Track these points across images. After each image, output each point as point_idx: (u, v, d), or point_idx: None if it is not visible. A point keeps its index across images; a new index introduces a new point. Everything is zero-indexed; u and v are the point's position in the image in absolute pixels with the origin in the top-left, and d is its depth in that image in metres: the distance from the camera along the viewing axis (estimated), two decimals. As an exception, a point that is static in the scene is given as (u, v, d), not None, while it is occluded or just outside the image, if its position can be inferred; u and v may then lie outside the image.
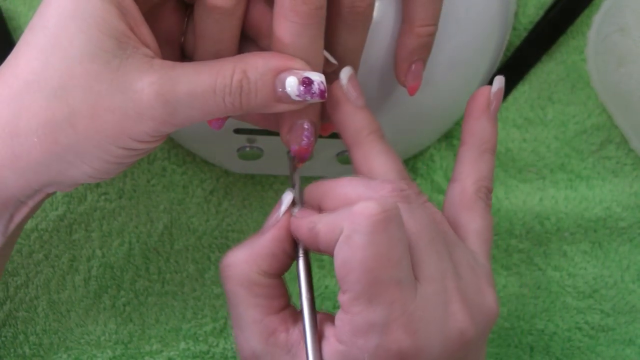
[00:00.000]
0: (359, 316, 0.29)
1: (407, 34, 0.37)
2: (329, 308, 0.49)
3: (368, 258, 0.29)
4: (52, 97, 0.30)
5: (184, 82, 0.30)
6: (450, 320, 0.31)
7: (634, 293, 0.51)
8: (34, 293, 0.47)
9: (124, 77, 0.30)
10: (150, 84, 0.30)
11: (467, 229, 0.34)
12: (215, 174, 0.49)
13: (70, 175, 0.32)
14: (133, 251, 0.48)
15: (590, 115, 0.50)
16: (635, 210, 0.50)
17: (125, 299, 0.48)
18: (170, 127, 0.31)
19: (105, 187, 0.48)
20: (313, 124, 0.35)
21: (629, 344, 0.51)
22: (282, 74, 0.31)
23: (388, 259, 0.29)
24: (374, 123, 0.34)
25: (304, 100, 0.32)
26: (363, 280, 0.29)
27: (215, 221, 0.49)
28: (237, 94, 0.31)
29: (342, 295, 0.30)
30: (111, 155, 0.31)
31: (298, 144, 0.35)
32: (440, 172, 0.50)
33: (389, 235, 0.29)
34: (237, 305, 0.33)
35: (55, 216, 0.47)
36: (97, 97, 0.30)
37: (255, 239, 0.33)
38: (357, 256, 0.29)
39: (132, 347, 0.48)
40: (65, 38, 0.30)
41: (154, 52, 0.31)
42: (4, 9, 0.47)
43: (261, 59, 0.31)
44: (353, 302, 0.30)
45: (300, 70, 0.31)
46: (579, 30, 0.49)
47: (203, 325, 0.49)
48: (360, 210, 0.29)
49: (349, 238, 0.29)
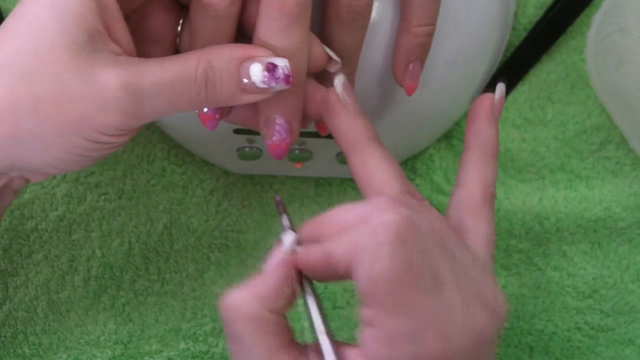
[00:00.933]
0: (392, 327, 0.29)
1: (405, 33, 0.37)
2: (328, 308, 0.49)
3: (396, 268, 0.29)
4: (18, 82, 0.30)
5: (150, 74, 0.31)
6: (473, 322, 0.31)
7: (634, 293, 0.51)
8: (33, 293, 0.47)
9: (90, 69, 0.30)
10: (116, 75, 0.30)
11: (474, 234, 0.34)
12: (214, 174, 0.49)
13: (31, 162, 0.32)
14: (133, 251, 0.48)
15: (590, 115, 0.50)
16: (634, 210, 0.50)
17: (125, 299, 0.48)
18: (136, 120, 0.31)
19: (105, 187, 0.48)
20: (287, 121, 0.34)
21: (628, 344, 0.51)
22: (246, 62, 0.32)
23: (415, 267, 0.29)
24: (370, 129, 0.34)
25: (269, 87, 0.32)
26: (393, 292, 0.29)
27: (214, 221, 0.49)
28: (203, 84, 0.31)
29: (369, 311, 0.29)
30: (74, 146, 0.31)
31: (270, 139, 0.35)
32: (439, 172, 0.50)
33: (411, 243, 0.29)
34: (244, 346, 0.32)
35: (55, 216, 0.47)
36: (63, 86, 0.30)
37: (258, 279, 0.32)
38: (385, 268, 0.28)
39: (132, 347, 0.48)
40: (40, 26, 0.30)
41: (126, 51, 0.32)
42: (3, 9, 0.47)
43: (226, 49, 0.32)
44: (384, 315, 0.29)
45: (264, 57, 0.32)
46: (578, 30, 0.49)
47: (203, 325, 0.49)
48: (379, 222, 0.29)
49: (373, 252, 0.29)
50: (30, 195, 0.47)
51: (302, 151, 0.44)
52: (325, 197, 0.49)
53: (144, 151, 0.48)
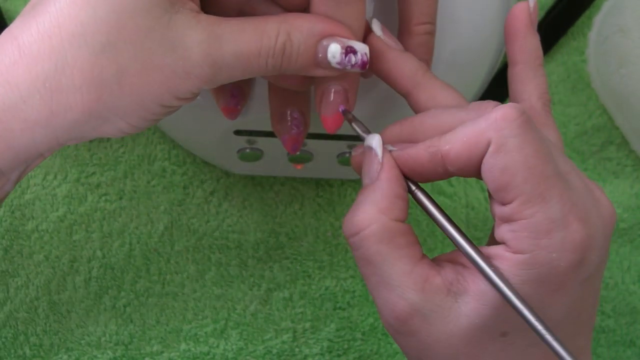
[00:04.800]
0: (537, 216, 0.29)
1: (405, 33, 0.36)
2: (329, 309, 0.49)
3: (529, 156, 0.28)
4: (100, 53, 0.28)
5: (230, 42, 0.29)
6: (601, 206, 0.31)
7: (635, 294, 0.51)
8: (34, 294, 0.47)
9: (174, 34, 0.29)
10: (199, 42, 0.29)
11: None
12: (215, 175, 0.49)
13: (103, 132, 0.30)
14: (133, 252, 0.48)
15: (591, 116, 0.50)
16: (636, 211, 0.50)
17: (126, 300, 0.48)
18: (211, 85, 0.30)
19: (106, 187, 0.48)
20: (302, 113, 0.34)
21: (629, 345, 0.51)
22: (325, 39, 0.31)
23: (545, 154, 0.29)
24: (422, 63, 0.34)
25: (343, 69, 0.31)
26: (531, 179, 0.28)
27: (215, 222, 0.49)
28: (280, 56, 0.30)
29: (508, 206, 0.29)
30: (150, 113, 0.30)
31: (288, 133, 0.34)
32: (440, 173, 0.50)
33: (537, 132, 0.29)
34: (380, 265, 0.31)
35: (56, 217, 0.47)
36: (148, 54, 0.28)
37: (368, 193, 0.31)
38: (518, 158, 0.28)
39: (133, 348, 0.48)
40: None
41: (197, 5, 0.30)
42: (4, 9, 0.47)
43: (306, 21, 0.30)
44: (526, 205, 0.29)
45: (344, 39, 0.31)
46: (579, 32, 0.49)
47: (204, 326, 0.49)
48: (504, 115, 0.28)
49: (502, 145, 0.28)
50: (31, 195, 0.47)
51: (302, 152, 0.44)
52: (326, 198, 0.49)
53: (144, 152, 0.48)
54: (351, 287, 0.49)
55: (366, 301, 0.49)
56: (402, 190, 0.31)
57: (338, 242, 0.49)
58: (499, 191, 0.29)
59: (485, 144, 0.29)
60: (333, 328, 0.49)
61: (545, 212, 0.29)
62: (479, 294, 0.30)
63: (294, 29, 0.30)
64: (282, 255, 0.49)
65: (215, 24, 0.29)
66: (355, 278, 0.49)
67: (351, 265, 0.49)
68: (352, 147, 0.43)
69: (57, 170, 0.48)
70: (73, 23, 0.28)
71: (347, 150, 0.43)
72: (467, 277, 0.30)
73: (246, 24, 0.30)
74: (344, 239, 0.49)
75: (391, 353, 0.49)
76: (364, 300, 0.49)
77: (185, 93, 0.30)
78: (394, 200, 0.31)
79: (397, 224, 0.30)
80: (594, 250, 0.30)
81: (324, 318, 0.49)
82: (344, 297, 0.49)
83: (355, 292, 0.49)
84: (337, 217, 0.49)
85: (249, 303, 0.49)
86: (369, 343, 0.49)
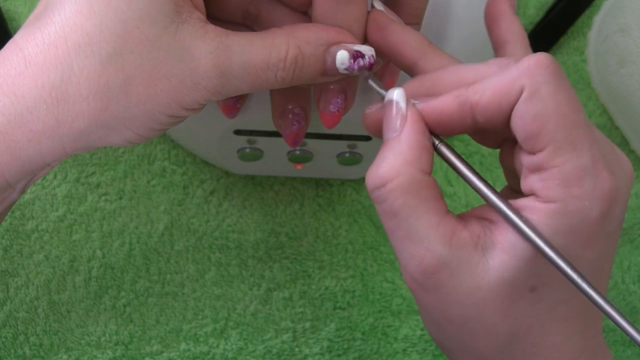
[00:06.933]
0: (568, 164, 0.28)
1: None
2: (329, 308, 0.49)
3: (562, 103, 0.28)
4: (107, 63, 0.28)
5: (239, 54, 0.29)
6: (623, 161, 0.31)
7: (635, 294, 0.51)
8: (34, 294, 0.47)
9: (181, 44, 0.28)
10: (208, 53, 0.29)
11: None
12: (215, 174, 0.49)
13: (110, 142, 0.30)
14: (133, 252, 0.48)
15: (591, 116, 0.50)
16: (636, 211, 0.50)
17: (126, 300, 0.48)
18: (218, 97, 0.30)
19: (106, 187, 0.48)
20: (303, 108, 0.34)
21: (630, 345, 0.51)
22: (333, 47, 0.31)
23: (577, 102, 0.29)
24: (423, 36, 0.33)
25: (350, 74, 0.31)
26: (563, 126, 0.28)
27: (215, 222, 0.49)
28: (291, 70, 0.30)
29: (538, 155, 0.28)
30: (158, 123, 0.30)
31: (289, 129, 0.34)
32: (440, 172, 0.50)
33: (567, 81, 0.29)
34: (407, 218, 0.29)
35: (56, 217, 0.47)
36: (155, 63, 0.28)
37: (393, 145, 0.30)
38: (551, 105, 0.28)
39: (133, 348, 0.48)
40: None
41: (203, 14, 0.30)
42: (4, 9, 0.47)
43: (312, 32, 0.31)
44: (557, 153, 0.28)
45: (350, 45, 0.31)
46: (579, 31, 0.49)
47: (203, 326, 0.49)
48: (538, 62, 0.28)
49: (535, 92, 0.28)
50: (31, 195, 0.47)
51: (302, 152, 0.44)
52: (326, 198, 0.49)
53: (144, 152, 0.48)
54: (351, 287, 0.49)
55: (366, 301, 0.49)
56: (428, 142, 0.30)
57: (338, 242, 0.49)
58: (529, 139, 0.28)
59: (517, 92, 0.28)
60: (333, 328, 0.49)
61: (576, 160, 0.28)
62: (509, 247, 0.29)
63: (303, 42, 0.30)
64: (282, 255, 0.49)
65: (223, 35, 0.29)
66: (355, 278, 0.49)
67: (351, 265, 0.49)
68: (352, 147, 0.43)
69: (57, 170, 0.48)
70: (79, 33, 0.28)
71: (347, 150, 0.43)
72: (494, 231, 0.30)
73: (254, 37, 0.30)
74: (344, 239, 0.49)
75: (391, 353, 0.49)
76: (364, 300, 0.49)
77: (192, 104, 0.30)
78: (421, 152, 0.30)
79: (424, 176, 0.30)
80: (619, 202, 0.29)
81: (324, 318, 0.49)
82: (344, 297, 0.49)
83: (355, 292, 0.49)
84: (337, 217, 0.49)
85: (249, 303, 0.49)
86: (369, 343, 0.49)
